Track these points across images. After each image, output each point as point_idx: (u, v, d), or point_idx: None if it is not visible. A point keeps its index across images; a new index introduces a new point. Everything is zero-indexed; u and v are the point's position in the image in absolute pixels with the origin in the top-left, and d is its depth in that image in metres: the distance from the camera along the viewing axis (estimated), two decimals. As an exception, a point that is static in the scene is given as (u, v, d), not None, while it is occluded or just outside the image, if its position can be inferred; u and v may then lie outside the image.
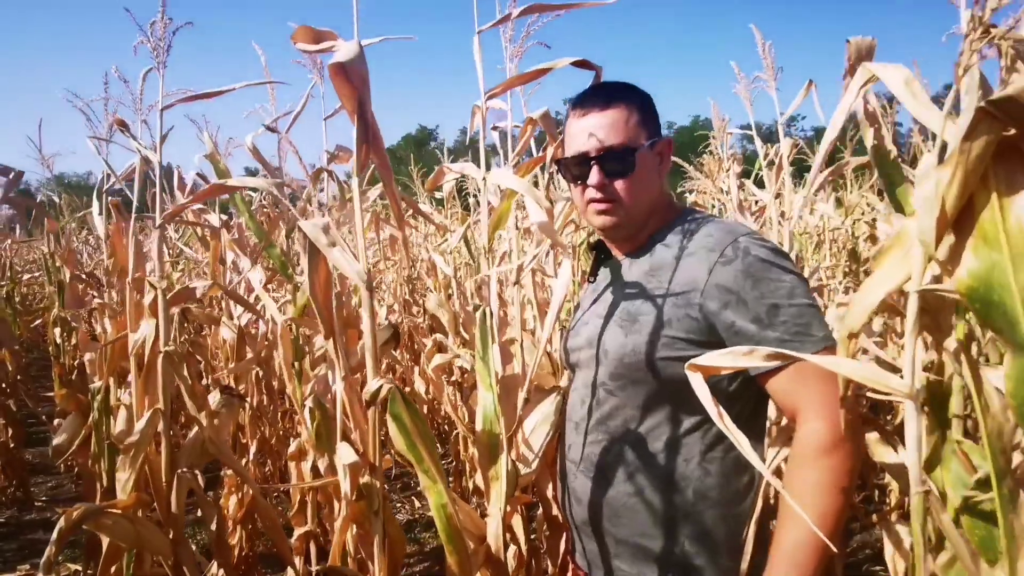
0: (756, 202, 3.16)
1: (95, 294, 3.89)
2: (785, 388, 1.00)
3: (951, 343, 0.95)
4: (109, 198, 2.17)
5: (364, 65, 1.02)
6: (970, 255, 0.73)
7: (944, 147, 0.77)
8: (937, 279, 0.82)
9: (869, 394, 1.09)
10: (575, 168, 1.16)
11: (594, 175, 1.13)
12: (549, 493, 1.82)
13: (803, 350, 0.95)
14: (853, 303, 0.86)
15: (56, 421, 3.66)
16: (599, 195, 1.14)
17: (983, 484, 0.86)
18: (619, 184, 1.13)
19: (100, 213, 2.30)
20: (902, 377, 0.80)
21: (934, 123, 0.80)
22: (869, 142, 1.11)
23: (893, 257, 0.83)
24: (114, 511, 1.61)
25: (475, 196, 4.37)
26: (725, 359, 0.89)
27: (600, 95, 1.16)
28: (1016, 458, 0.83)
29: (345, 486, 1.19)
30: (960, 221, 0.75)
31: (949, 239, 0.76)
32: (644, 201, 1.15)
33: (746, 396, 1.08)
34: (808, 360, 0.83)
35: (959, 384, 0.97)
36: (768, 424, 1.22)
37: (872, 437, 1.16)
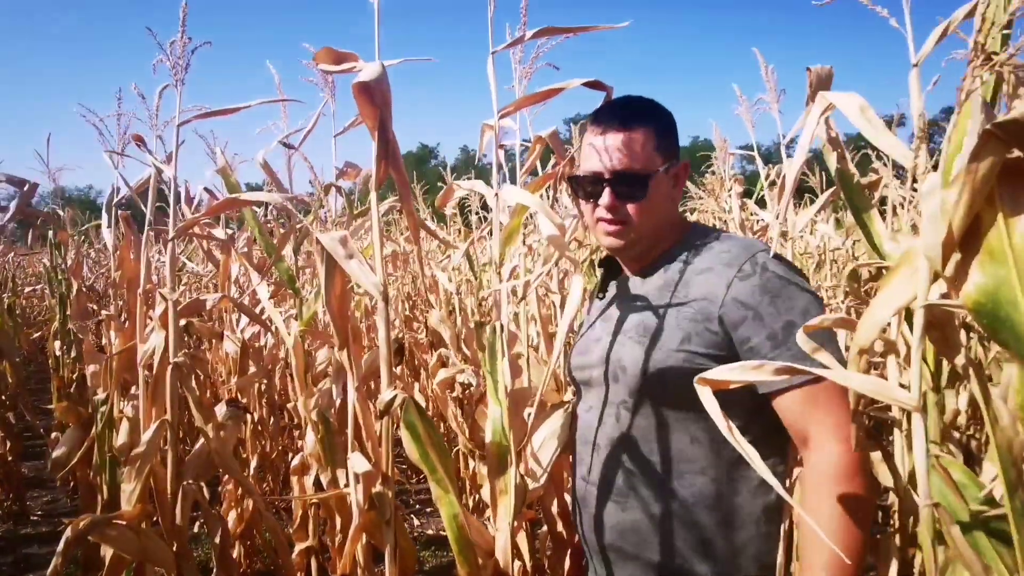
0: (758, 221, 3.20)
1: (95, 307, 3.90)
2: (796, 408, 0.99)
3: (960, 359, 0.96)
4: (119, 211, 2.20)
5: (387, 85, 1.05)
6: (977, 271, 0.74)
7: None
8: (946, 297, 0.84)
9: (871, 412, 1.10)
10: (588, 186, 1.15)
11: (606, 196, 1.12)
12: (555, 510, 1.81)
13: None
14: (863, 320, 0.88)
15: (54, 434, 3.64)
16: (609, 216, 1.13)
17: (990, 501, 0.87)
18: (630, 207, 1.12)
19: (109, 226, 2.33)
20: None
21: (889, 147, 0.83)
22: (832, 166, 1.12)
23: (902, 275, 0.85)
24: (119, 522, 1.61)
25: (478, 213, 4.41)
26: (734, 373, 0.90)
27: (620, 114, 1.15)
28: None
29: (358, 496, 1.18)
30: (966, 239, 0.76)
31: (955, 256, 0.78)
32: (654, 224, 1.15)
33: (768, 412, 1.05)
34: (816, 374, 0.83)
35: (933, 400, 0.98)
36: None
37: (875, 457, 1.16)
